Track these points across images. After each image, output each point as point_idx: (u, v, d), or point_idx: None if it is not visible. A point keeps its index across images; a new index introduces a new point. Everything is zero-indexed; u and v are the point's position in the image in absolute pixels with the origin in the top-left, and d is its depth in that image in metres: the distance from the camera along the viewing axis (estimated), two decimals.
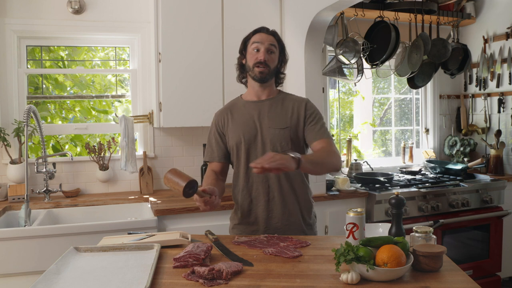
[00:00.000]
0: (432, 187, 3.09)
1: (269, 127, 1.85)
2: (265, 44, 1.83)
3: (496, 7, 3.68)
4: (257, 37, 1.85)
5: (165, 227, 2.47)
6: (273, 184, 1.85)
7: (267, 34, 1.86)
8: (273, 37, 1.86)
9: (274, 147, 1.83)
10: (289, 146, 1.85)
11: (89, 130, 3.14)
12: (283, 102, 1.91)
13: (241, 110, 1.92)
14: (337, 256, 1.27)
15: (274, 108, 1.89)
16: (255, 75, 1.85)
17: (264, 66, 1.82)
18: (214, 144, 1.96)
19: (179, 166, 3.15)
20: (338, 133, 3.70)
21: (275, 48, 1.86)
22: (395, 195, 1.50)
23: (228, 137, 1.92)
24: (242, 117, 1.90)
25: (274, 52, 1.86)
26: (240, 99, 1.98)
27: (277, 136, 1.84)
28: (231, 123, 1.91)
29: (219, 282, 1.25)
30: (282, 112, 1.88)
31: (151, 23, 2.90)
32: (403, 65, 3.35)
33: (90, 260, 1.42)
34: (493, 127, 3.74)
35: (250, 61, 1.86)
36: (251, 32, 1.90)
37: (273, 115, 1.87)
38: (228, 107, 1.98)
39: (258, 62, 1.82)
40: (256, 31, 1.88)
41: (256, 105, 1.90)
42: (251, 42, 1.86)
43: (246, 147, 1.86)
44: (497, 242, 3.32)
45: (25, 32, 2.89)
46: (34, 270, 2.15)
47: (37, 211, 2.59)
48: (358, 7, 3.14)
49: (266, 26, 1.91)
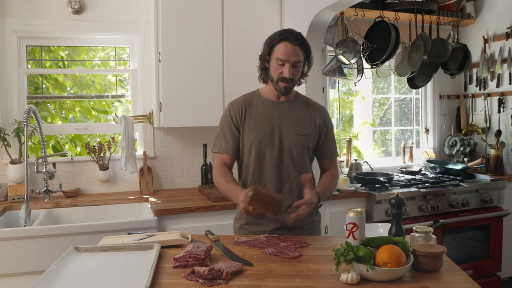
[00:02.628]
0: (432, 187, 3.09)
1: (289, 131, 1.83)
2: (290, 61, 1.74)
3: (496, 7, 3.68)
4: (283, 49, 1.74)
5: (165, 227, 2.47)
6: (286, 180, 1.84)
7: (293, 45, 1.74)
8: (299, 48, 1.76)
9: (290, 152, 1.82)
10: (304, 153, 1.85)
11: (89, 130, 3.14)
12: (303, 107, 1.89)
13: (260, 108, 1.87)
14: (337, 256, 1.27)
15: (295, 112, 1.86)
16: (280, 89, 1.81)
17: (289, 81, 1.78)
18: (228, 135, 1.87)
19: (179, 166, 3.16)
20: (338, 133, 3.70)
21: (301, 61, 1.78)
22: (395, 195, 1.50)
23: (244, 132, 1.86)
24: (260, 115, 1.85)
25: (299, 66, 1.79)
26: (258, 95, 1.91)
27: (296, 142, 1.82)
28: (248, 118, 1.86)
29: (219, 282, 1.25)
30: (302, 117, 1.86)
31: (151, 23, 2.90)
32: (403, 65, 3.34)
33: (90, 260, 1.42)
34: (493, 127, 3.74)
35: (274, 73, 1.79)
36: (277, 36, 1.78)
37: (294, 120, 1.85)
38: (245, 100, 1.90)
39: (283, 77, 1.77)
40: (282, 38, 1.75)
41: (276, 105, 1.86)
42: (275, 53, 1.76)
43: (260, 147, 1.82)
44: (497, 242, 3.32)
45: (25, 32, 2.89)
46: (34, 270, 2.15)
47: (37, 211, 2.59)
48: (358, 7, 3.14)
49: (292, 31, 1.78)
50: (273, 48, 1.77)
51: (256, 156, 1.83)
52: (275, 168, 1.82)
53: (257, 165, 1.84)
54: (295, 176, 1.83)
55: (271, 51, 1.78)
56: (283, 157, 1.83)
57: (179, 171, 3.16)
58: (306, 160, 1.87)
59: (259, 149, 1.82)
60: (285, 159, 1.83)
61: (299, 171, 1.84)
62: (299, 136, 1.83)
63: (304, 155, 1.85)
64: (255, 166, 1.84)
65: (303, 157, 1.85)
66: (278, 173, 1.83)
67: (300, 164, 1.85)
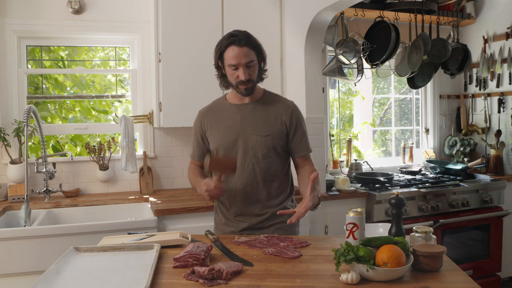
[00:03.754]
0: (432, 187, 3.09)
1: (252, 133, 1.83)
2: (242, 63, 1.74)
3: (496, 7, 3.68)
4: (231, 54, 1.73)
5: (165, 227, 2.47)
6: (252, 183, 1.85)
7: (240, 47, 1.73)
8: (247, 48, 1.74)
9: (255, 154, 1.83)
10: (270, 153, 1.84)
11: (89, 130, 3.14)
12: (267, 106, 1.88)
13: (224, 113, 1.90)
14: (337, 256, 1.27)
15: (258, 112, 1.86)
16: (241, 91, 1.81)
17: (247, 82, 1.78)
18: (195, 143, 1.98)
19: (179, 166, 3.16)
20: (338, 133, 3.70)
21: (253, 60, 1.77)
22: (395, 195, 1.50)
23: (210, 139, 1.91)
24: (224, 120, 1.88)
25: (253, 65, 1.77)
26: (224, 101, 1.94)
27: (259, 143, 1.82)
28: (213, 126, 1.90)
29: (219, 282, 1.25)
30: (266, 117, 1.86)
31: (151, 23, 2.90)
32: (403, 65, 3.35)
33: (90, 260, 1.42)
34: (493, 127, 3.74)
35: (231, 78, 1.80)
36: (224, 41, 1.77)
37: (256, 121, 1.85)
38: (211, 108, 1.96)
39: (240, 81, 1.78)
40: (228, 43, 1.74)
41: (239, 109, 1.88)
42: (226, 59, 1.76)
43: (225, 152, 1.85)
44: (497, 242, 3.32)
45: (25, 32, 2.89)
46: (34, 270, 2.15)
47: (37, 211, 2.59)
48: (358, 7, 3.14)
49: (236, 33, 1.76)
50: (223, 55, 1.78)
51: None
52: (240, 171, 1.82)
53: None
54: (263, 177, 1.84)
55: (222, 58, 1.79)
56: (249, 160, 1.83)
57: (179, 171, 3.16)
58: (274, 160, 1.86)
59: (225, 154, 1.85)
60: (250, 161, 1.83)
61: (267, 171, 1.85)
62: (262, 137, 1.83)
63: (270, 156, 1.84)
64: None
65: (269, 157, 1.84)
66: (244, 175, 1.84)
67: (267, 165, 1.84)
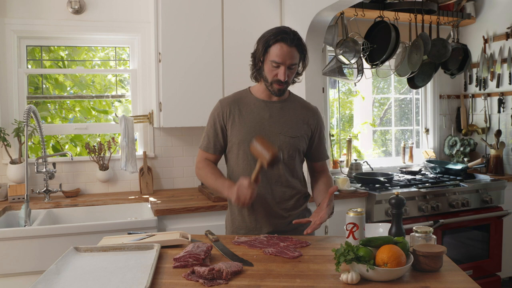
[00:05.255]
0: (432, 187, 3.09)
1: (279, 133, 1.79)
2: (286, 63, 1.70)
3: (496, 7, 3.68)
4: (278, 51, 1.69)
5: (165, 227, 2.47)
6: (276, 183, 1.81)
7: (289, 46, 1.69)
8: (295, 49, 1.71)
9: (281, 154, 1.78)
10: (295, 155, 1.82)
11: (89, 130, 3.14)
12: (295, 108, 1.86)
13: (250, 107, 1.83)
14: (337, 256, 1.27)
15: (286, 112, 1.83)
16: (274, 90, 1.77)
17: (283, 84, 1.75)
18: (212, 134, 1.86)
19: (179, 166, 3.16)
20: (338, 133, 3.70)
21: (296, 63, 1.75)
22: (395, 195, 1.50)
23: (232, 132, 1.82)
24: (251, 115, 1.81)
25: (294, 68, 1.75)
26: (249, 94, 1.86)
27: (287, 144, 1.79)
28: (237, 118, 1.81)
29: (219, 282, 1.25)
30: (294, 119, 1.83)
31: (151, 23, 2.90)
32: (403, 65, 3.35)
33: (90, 260, 1.42)
34: (493, 127, 3.74)
35: (269, 74, 1.75)
36: (272, 36, 1.71)
37: (285, 121, 1.81)
38: (236, 100, 1.85)
39: (278, 80, 1.74)
40: (278, 39, 1.69)
41: (267, 105, 1.82)
42: (270, 54, 1.71)
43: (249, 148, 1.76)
44: (497, 242, 3.32)
45: (25, 32, 2.89)
46: (34, 270, 2.15)
47: (37, 211, 2.59)
48: (358, 7, 3.14)
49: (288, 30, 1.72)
50: (268, 49, 1.72)
51: (244, 157, 1.80)
52: (264, 170, 1.75)
53: (246, 166, 1.80)
54: (286, 178, 1.82)
55: (266, 51, 1.73)
56: None
57: (179, 171, 3.16)
58: (296, 162, 1.85)
59: (248, 150, 1.76)
60: None
61: (289, 173, 1.83)
62: (290, 138, 1.80)
63: (295, 157, 1.82)
64: (244, 166, 1.81)
65: (293, 159, 1.82)
66: (268, 175, 1.80)
67: (291, 166, 1.83)
